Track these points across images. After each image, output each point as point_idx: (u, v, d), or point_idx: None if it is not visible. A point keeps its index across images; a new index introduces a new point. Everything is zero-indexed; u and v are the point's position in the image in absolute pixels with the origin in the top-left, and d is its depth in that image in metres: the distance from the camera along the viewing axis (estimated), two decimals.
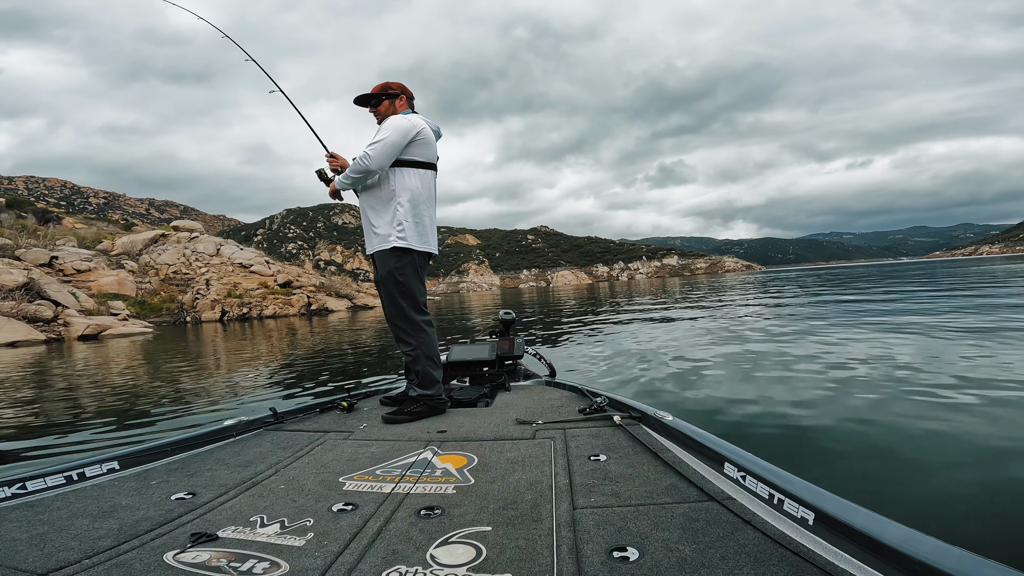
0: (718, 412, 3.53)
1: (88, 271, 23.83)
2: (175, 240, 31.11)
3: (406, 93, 2.86)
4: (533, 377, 3.56)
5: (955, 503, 2.08)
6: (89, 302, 20.17)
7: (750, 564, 1.08)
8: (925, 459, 2.51)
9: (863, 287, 18.45)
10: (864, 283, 21.61)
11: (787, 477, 1.32)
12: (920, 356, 4.91)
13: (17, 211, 31.59)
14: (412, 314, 2.71)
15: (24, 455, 3.34)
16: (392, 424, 2.49)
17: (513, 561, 1.15)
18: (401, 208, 2.66)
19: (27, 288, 17.64)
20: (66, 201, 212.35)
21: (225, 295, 25.86)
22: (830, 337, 6.61)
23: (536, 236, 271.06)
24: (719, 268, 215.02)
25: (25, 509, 1.56)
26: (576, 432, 2.13)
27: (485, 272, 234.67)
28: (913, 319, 7.90)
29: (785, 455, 2.68)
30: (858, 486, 2.28)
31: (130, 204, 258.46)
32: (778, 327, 8.15)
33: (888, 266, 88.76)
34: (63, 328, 16.48)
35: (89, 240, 29.11)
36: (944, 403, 3.33)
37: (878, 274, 34.93)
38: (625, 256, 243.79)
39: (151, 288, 26.16)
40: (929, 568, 0.89)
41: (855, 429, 2.99)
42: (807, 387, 4.03)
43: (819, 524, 1.14)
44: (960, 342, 5.54)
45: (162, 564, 1.19)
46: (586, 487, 1.55)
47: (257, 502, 1.58)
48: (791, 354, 5.54)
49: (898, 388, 3.79)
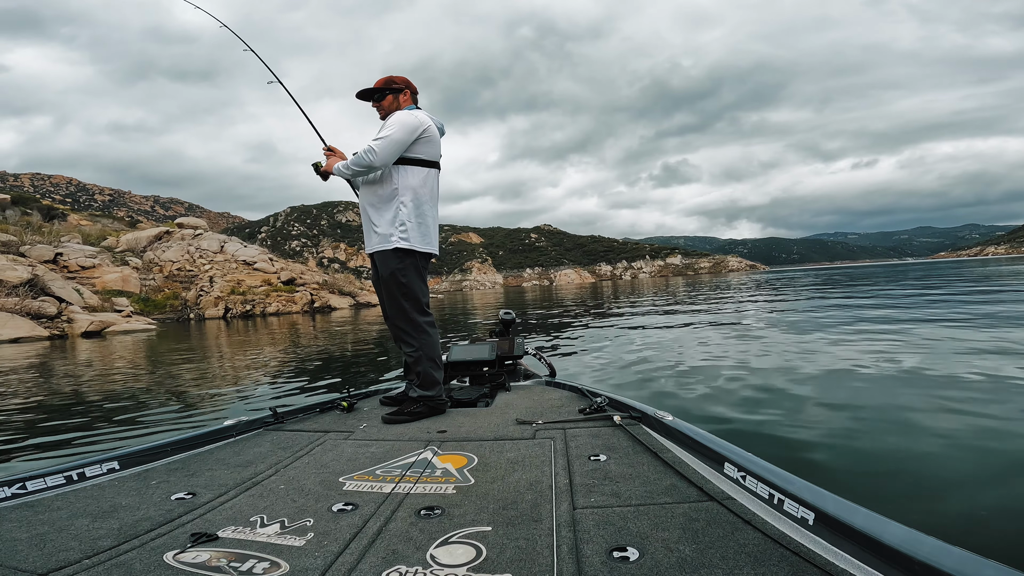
0: (722, 412, 3.50)
1: (93, 268, 23.92)
2: (179, 237, 31.18)
3: (410, 88, 2.80)
4: (533, 377, 3.55)
5: (960, 503, 2.06)
6: (93, 299, 20.25)
7: (750, 564, 1.07)
8: (934, 459, 2.49)
9: (876, 288, 18.33)
10: (874, 283, 21.49)
11: (787, 477, 1.32)
12: (926, 356, 4.88)
13: (22, 208, 31.73)
14: (415, 315, 2.67)
15: (24, 455, 3.34)
16: (392, 424, 2.48)
17: (513, 561, 1.15)
18: (404, 208, 2.60)
19: (31, 284, 17.71)
20: (72, 198, 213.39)
21: (229, 292, 25.91)
22: (834, 336, 6.58)
23: (539, 235, 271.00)
24: (723, 268, 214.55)
25: (25, 509, 1.55)
26: (576, 432, 2.12)
27: (488, 271, 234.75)
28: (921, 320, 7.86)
29: (788, 455, 2.66)
30: (858, 486, 2.26)
31: (135, 201, 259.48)
32: (783, 326, 8.13)
33: (893, 266, 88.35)
34: (67, 325, 16.53)
35: (94, 237, 29.21)
36: (950, 405, 3.31)
37: (884, 274, 34.76)
38: (629, 255, 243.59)
39: (155, 285, 26.24)
40: (929, 568, 0.88)
41: (860, 430, 2.97)
42: (814, 387, 4.00)
43: (819, 524, 1.14)
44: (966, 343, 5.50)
45: (162, 564, 1.19)
46: (586, 487, 1.55)
47: (257, 502, 1.57)
48: (797, 352, 5.50)
49: (910, 388, 3.77)
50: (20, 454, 3.35)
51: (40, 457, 3.27)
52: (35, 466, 2.52)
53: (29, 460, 3.22)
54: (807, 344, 6.16)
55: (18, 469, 2.63)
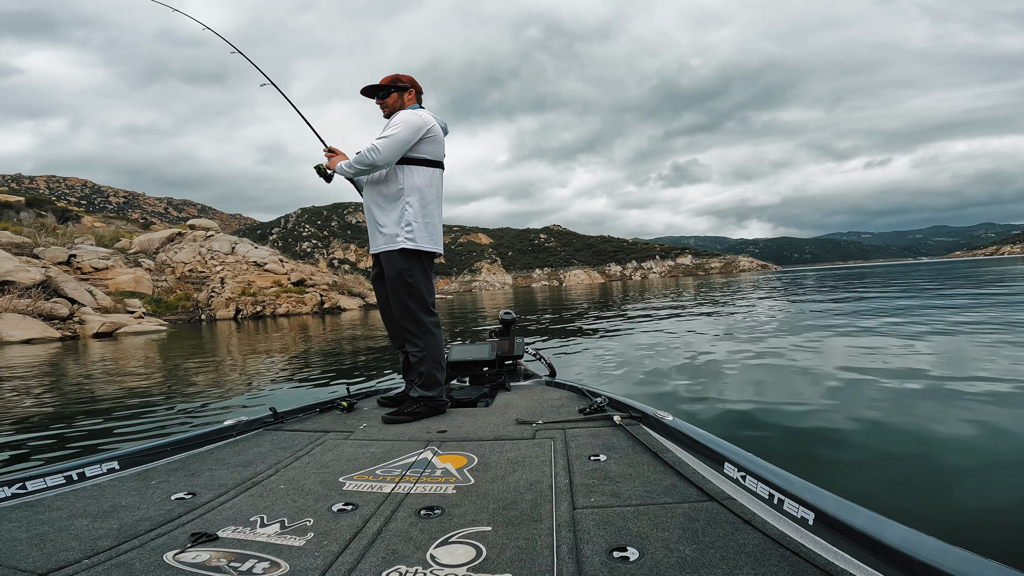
0: (730, 412, 3.45)
1: (106, 269, 24.15)
2: (191, 239, 31.43)
3: (416, 87, 2.80)
4: (533, 377, 3.56)
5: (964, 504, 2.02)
6: (106, 300, 20.43)
7: (750, 564, 1.07)
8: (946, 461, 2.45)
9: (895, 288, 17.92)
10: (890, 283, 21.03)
11: (787, 477, 1.31)
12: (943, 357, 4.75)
13: (37, 210, 32.15)
14: (421, 316, 2.67)
15: (24, 454, 3.34)
16: (392, 424, 2.48)
17: (513, 561, 1.15)
18: (410, 208, 2.60)
19: (44, 286, 17.88)
20: (87, 200, 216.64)
21: (239, 293, 26.05)
22: (852, 336, 6.45)
23: (549, 235, 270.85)
24: (734, 267, 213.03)
25: (25, 509, 1.56)
26: (576, 432, 2.12)
27: (497, 271, 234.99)
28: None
29: (793, 455, 2.64)
30: (859, 485, 2.25)
31: (149, 203, 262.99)
32: (795, 325, 7.98)
33: (909, 265, 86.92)
34: (78, 326, 16.67)
35: (107, 239, 29.52)
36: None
37: (905, 272, 34.08)
38: (638, 255, 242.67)
39: (167, 286, 26.45)
40: (929, 568, 0.88)
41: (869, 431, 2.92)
42: (823, 388, 3.93)
43: (819, 524, 1.13)
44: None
45: (162, 564, 1.19)
46: (586, 487, 1.55)
47: (257, 502, 1.58)
48: (810, 353, 5.39)
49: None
50: (20, 454, 3.34)
51: (40, 457, 3.26)
52: (35, 466, 2.53)
53: (29, 459, 3.21)
54: (827, 341, 6.00)
55: (18, 469, 2.62)
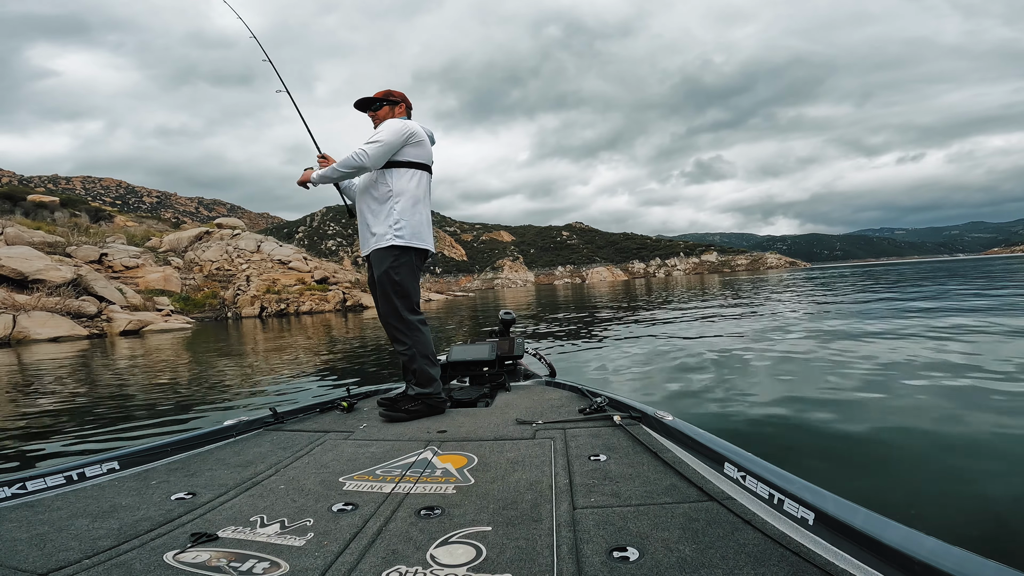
0: (742, 415, 3.40)
1: (136, 267, 24.61)
2: (218, 237, 31.90)
3: (406, 103, 2.95)
4: (533, 377, 3.55)
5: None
6: (136, 298, 20.77)
7: (750, 564, 1.06)
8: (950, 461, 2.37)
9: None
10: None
11: (787, 477, 1.30)
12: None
13: (71, 210, 33.04)
14: (406, 313, 2.71)
15: (24, 454, 3.36)
16: (392, 423, 2.49)
17: (513, 561, 1.14)
18: (398, 208, 2.68)
19: (74, 284, 18.18)
20: (121, 200, 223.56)
21: (264, 291, 26.28)
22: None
23: (571, 232, 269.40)
24: (761, 264, 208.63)
25: (25, 509, 1.57)
26: (576, 432, 2.12)
27: (520, 269, 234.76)
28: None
29: (796, 456, 2.61)
30: (858, 485, 2.23)
31: (181, 203, 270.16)
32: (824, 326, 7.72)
33: (945, 262, 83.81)
34: (105, 324, 16.92)
35: (138, 238, 30.17)
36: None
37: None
38: (662, 252, 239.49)
39: (195, 284, 26.85)
40: (929, 568, 0.87)
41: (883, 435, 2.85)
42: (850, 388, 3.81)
43: (819, 524, 1.12)
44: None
45: (162, 564, 1.19)
46: (586, 487, 1.54)
47: (257, 502, 1.58)
48: (840, 354, 5.20)
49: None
50: (21, 453, 3.36)
51: (39, 457, 3.28)
52: (35, 466, 2.54)
53: (29, 460, 3.22)
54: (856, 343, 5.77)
55: (18, 469, 2.61)
